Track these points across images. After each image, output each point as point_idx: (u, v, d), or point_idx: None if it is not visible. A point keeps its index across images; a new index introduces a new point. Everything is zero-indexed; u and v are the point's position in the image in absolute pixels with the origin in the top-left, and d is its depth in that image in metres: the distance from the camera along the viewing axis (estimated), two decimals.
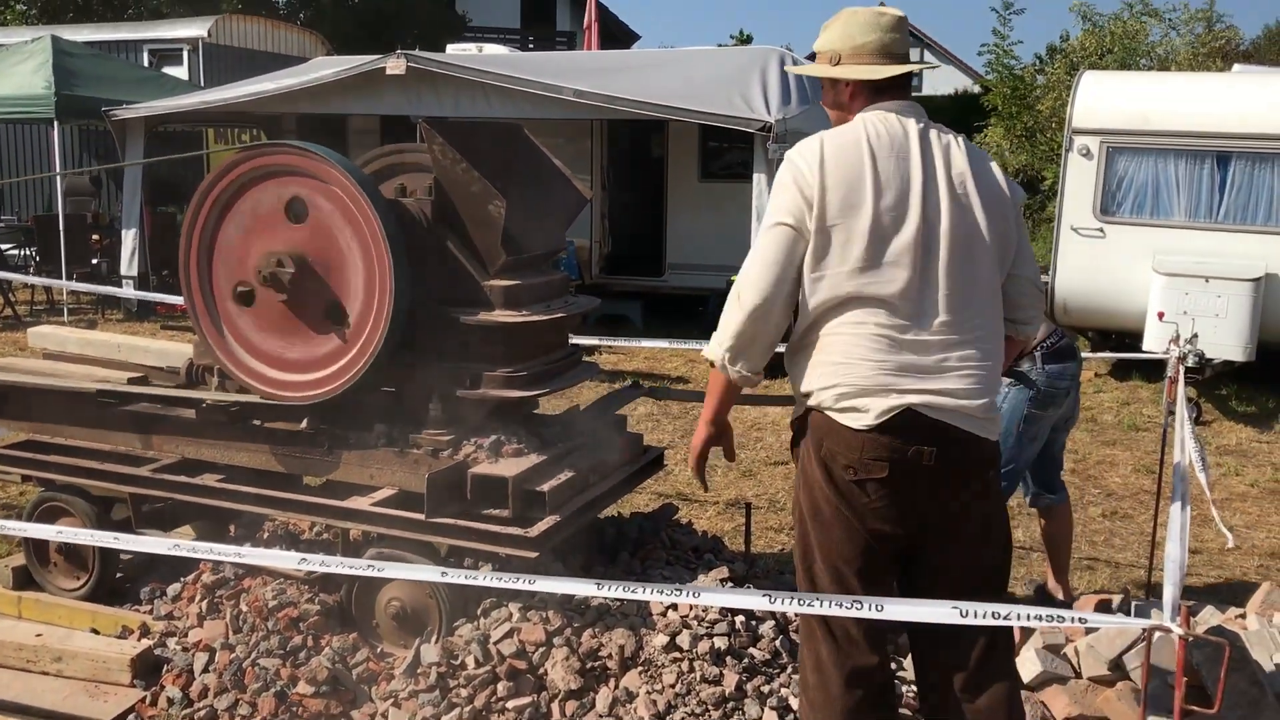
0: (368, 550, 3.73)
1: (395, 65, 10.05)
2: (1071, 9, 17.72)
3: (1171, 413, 4.45)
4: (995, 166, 2.74)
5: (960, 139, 2.72)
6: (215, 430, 4.07)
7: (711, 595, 2.86)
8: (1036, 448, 4.41)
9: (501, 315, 3.72)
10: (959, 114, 22.07)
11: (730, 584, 3.76)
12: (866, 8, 2.78)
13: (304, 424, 3.96)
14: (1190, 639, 2.21)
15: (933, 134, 2.68)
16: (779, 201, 2.63)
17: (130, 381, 4.43)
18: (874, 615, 2.38)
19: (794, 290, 2.64)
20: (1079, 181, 9.16)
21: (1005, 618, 2.24)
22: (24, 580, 4.31)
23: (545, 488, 3.57)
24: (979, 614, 2.24)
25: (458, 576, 2.93)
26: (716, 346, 2.74)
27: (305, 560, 3.11)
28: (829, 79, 2.77)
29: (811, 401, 2.65)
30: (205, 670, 3.63)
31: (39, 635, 3.83)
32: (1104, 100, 9.16)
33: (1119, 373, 9.69)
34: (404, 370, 3.83)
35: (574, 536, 3.78)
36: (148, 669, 3.70)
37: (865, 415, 2.55)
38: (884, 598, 2.43)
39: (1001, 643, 2.63)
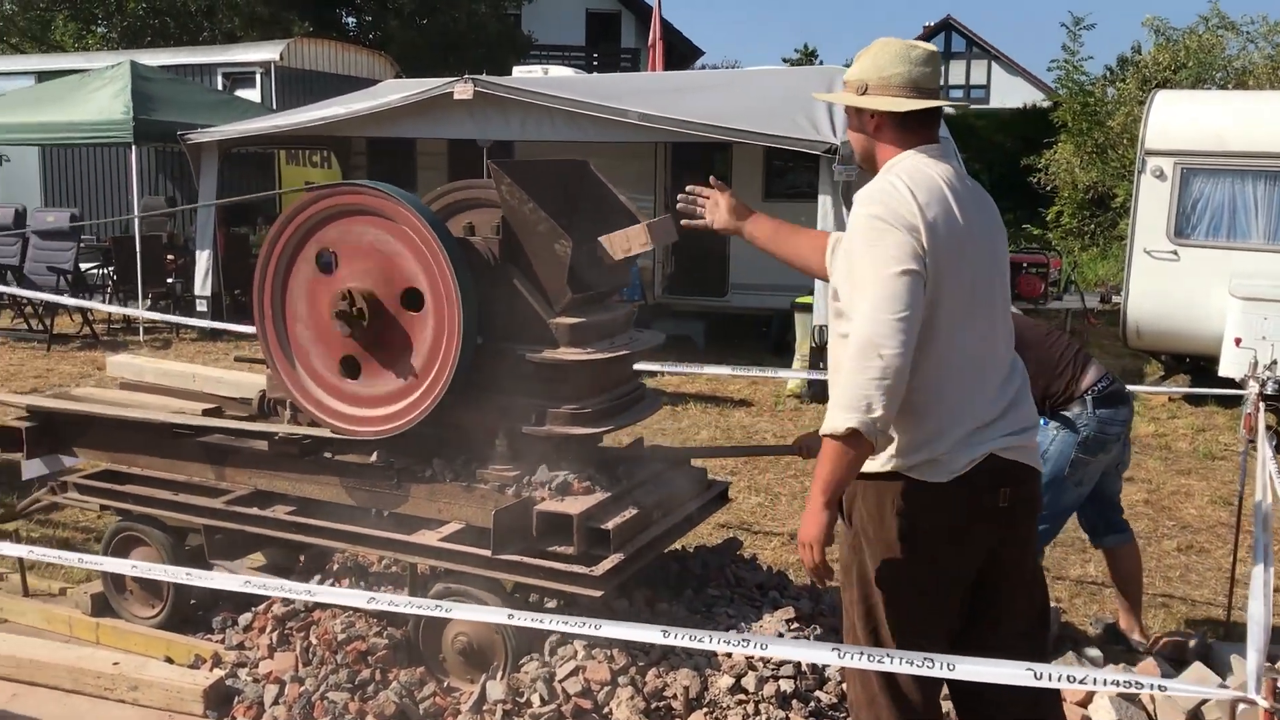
0: (435, 585, 3.77)
1: (463, 90, 10.16)
2: (1144, 23, 17.43)
3: (1252, 442, 4.35)
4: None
5: (973, 181, 2.76)
6: (286, 462, 4.15)
7: (779, 647, 2.84)
8: (1083, 493, 4.31)
9: (566, 353, 3.74)
10: (1027, 128, 21.84)
11: (796, 624, 3.74)
12: (900, 40, 2.75)
13: (373, 457, 4.02)
14: (1277, 713, 2.14)
15: (968, 179, 2.71)
16: (891, 249, 2.47)
17: (204, 413, 4.53)
18: (947, 674, 2.34)
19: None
20: (1152, 203, 8.99)
21: (1081, 681, 2.19)
22: (102, 607, 4.41)
23: (610, 525, 3.58)
24: (1054, 676, 2.19)
25: (524, 619, 2.94)
26: (860, 414, 2.38)
27: (374, 600, 3.14)
28: (854, 108, 2.75)
29: (888, 466, 2.59)
30: (275, 703, 3.68)
31: (116, 664, 3.91)
32: (1178, 121, 8.99)
33: (1194, 398, 9.48)
34: (471, 406, 3.86)
35: (638, 572, 3.79)
36: (220, 700, 3.77)
37: (951, 467, 2.54)
38: (956, 656, 2.39)
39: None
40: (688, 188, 3.23)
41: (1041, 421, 4.24)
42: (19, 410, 4.73)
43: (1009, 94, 40.67)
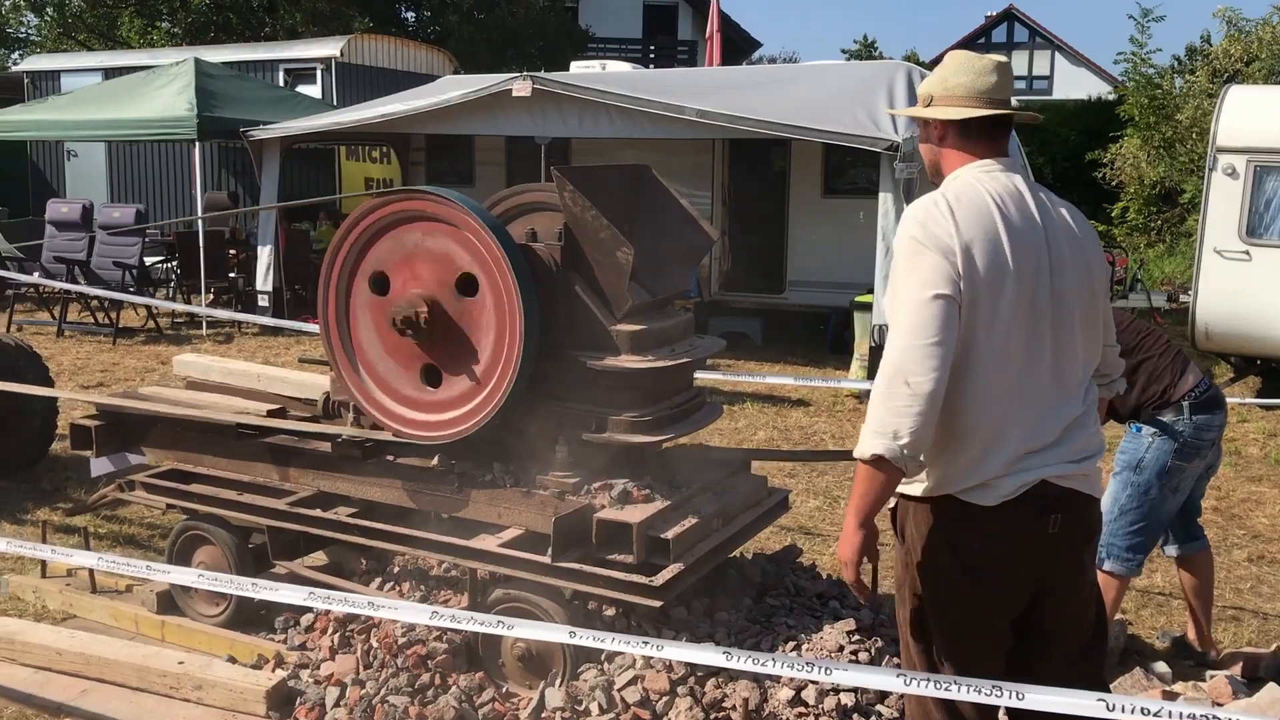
0: (494, 590, 3.78)
1: (521, 88, 10.19)
2: (1215, 14, 16.99)
3: None
4: (1087, 224, 2.72)
5: (1063, 202, 2.69)
6: (349, 465, 4.18)
7: (843, 674, 2.82)
8: (1179, 500, 4.22)
9: (627, 360, 3.73)
10: (1092, 121, 21.43)
11: (857, 636, 3.69)
12: (970, 52, 2.75)
13: (435, 460, 4.04)
14: None
15: (1041, 194, 2.64)
16: (924, 272, 2.44)
17: (269, 414, 4.57)
18: (1015, 704, 2.30)
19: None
20: (1223, 202, 8.78)
21: (1155, 714, 2.14)
22: (167, 604, 4.47)
23: (670, 535, 3.56)
24: (1127, 708, 2.14)
25: (585, 638, 2.93)
26: (888, 441, 2.38)
27: (436, 614, 3.15)
28: (921, 119, 2.74)
29: (936, 488, 2.57)
30: (337, 705, 3.71)
31: (181, 663, 3.97)
32: (1251, 117, 8.77)
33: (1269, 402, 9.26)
34: (532, 412, 3.86)
35: (697, 579, 3.77)
36: (281, 701, 3.80)
37: (999, 492, 2.50)
38: (1025, 685, 2.35)
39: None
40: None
41: (1134, 428, 4.17)
42: (89, 408, 4.82)
43: (1073, 85, 39.99)
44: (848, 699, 3.39)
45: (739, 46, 32.07)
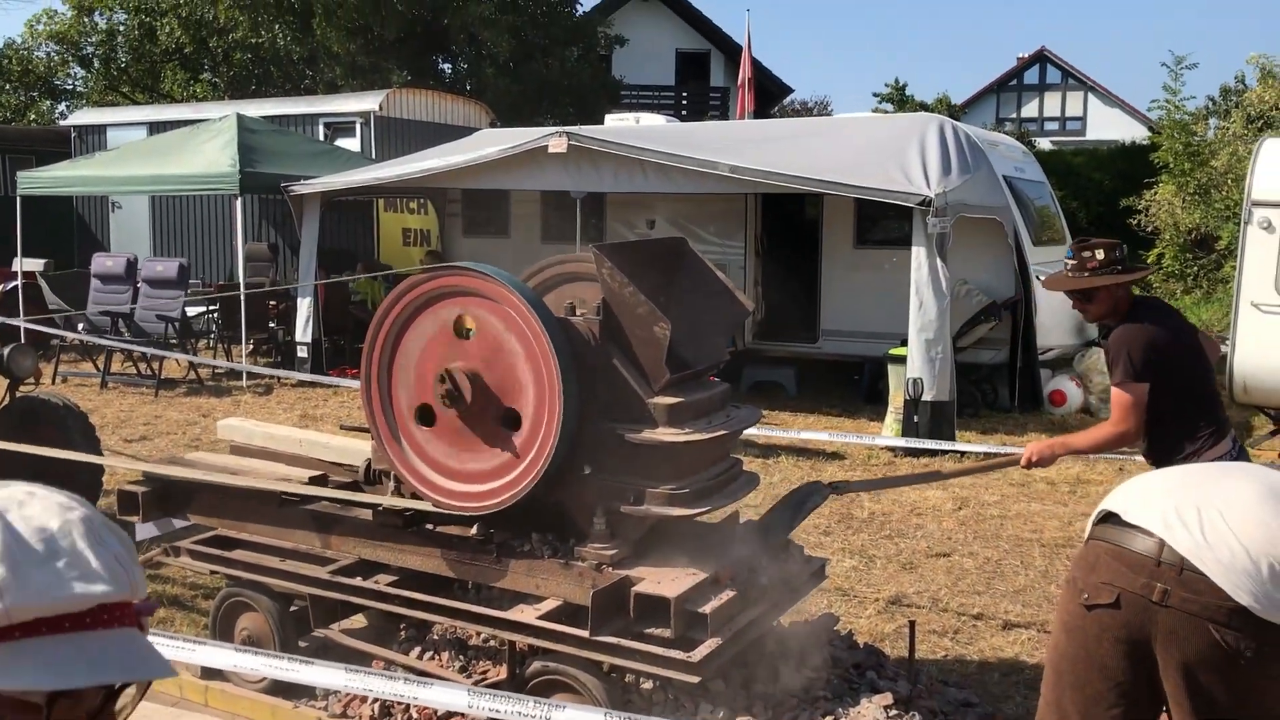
0: (532, 662, 3.81)
1: (557, 144, 10.33)
2: (1249, 61, 16.98)
3: None
4: None
5: None
6: (389, 533, 4.24)
7: None
8: None
9: (664, 434, 3.77)
10: (1127, 165, 21.36)
11: (895, 711, 3.69)
12: None
13: (474, 530, 4.09)
14: None
15: None
16: None
17: (310, 480, 4.65)
18: None
19: None
20: (1260, 255, 8.74)
21: None
22: (212, 669, 4.53)
23: (708, 609, 3.59)
24: None
25: None
26: None
27: (474, 694, 3.19)
28: None
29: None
30: None
31: None
32: None
33: None
34: (570, 483, 3.91)
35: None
36: None
37: (1111, 529, 2.56)
38: None
39: None
40: None
41: None
42: (135, 473, 4.91)
43: (1106, 125, 39.94)
44: None
45: (771, 93, 32.27)
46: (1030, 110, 43.37)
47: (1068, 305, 12.25)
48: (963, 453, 8.35)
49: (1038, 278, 10.80)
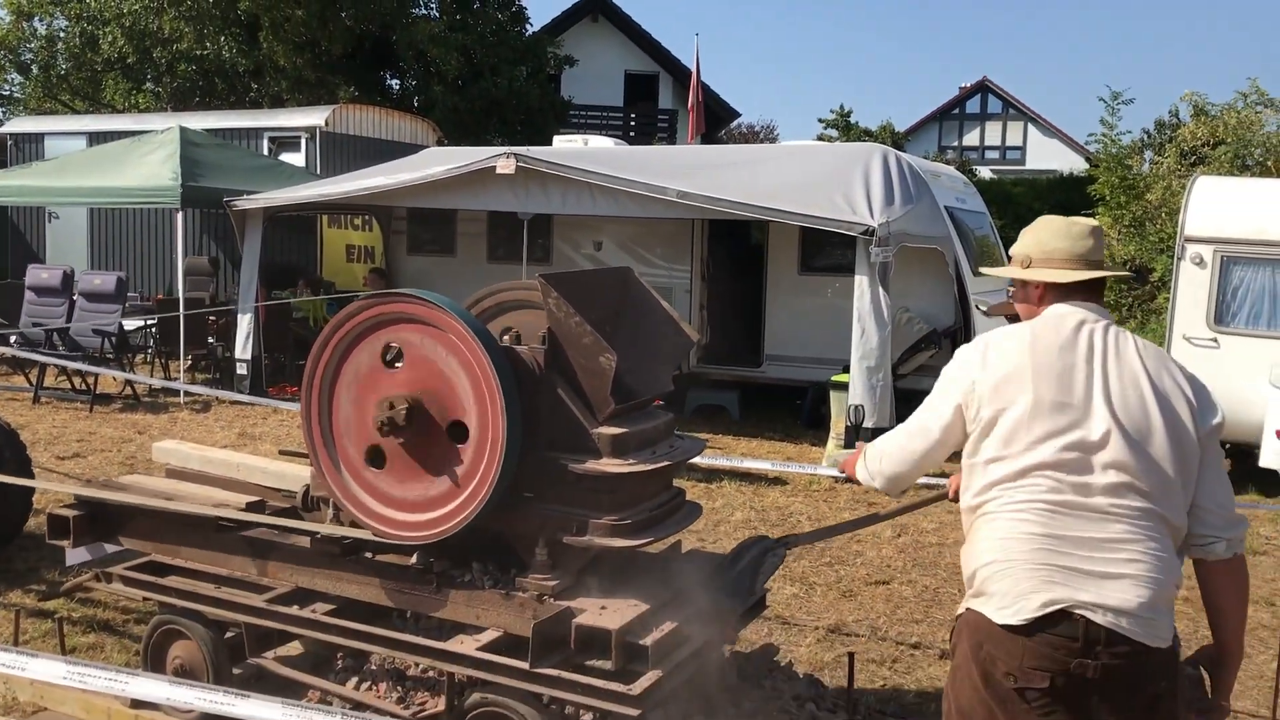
0: (471, 694, 3.78)
1: (505, 165, 10.33)
2: (1183, 98, 17.44)
3: None
4: (1186, 385, 2.77)
5: (1148, 347, 2.81)
6: (327, 561, 4.19)
7: None
8: None
9: (608, 465, 3.77)
10: (1065, 196, 21.81)
11: None
12: (1060, 217, 3.00)
13: (414, 559, 4.05)
14: None
15: (1112, 333, 2.78)
16: (938, 394, 2.91)
17: (247, 506, 4.58)
18: None
19: (930, 464, 2.95)
20: (1192, 290, 8.96)
21: None
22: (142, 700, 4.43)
23: (648, 641, 3.58)
24: None
25: None
26: (866, 474, 3.11)
27: None
28: (1020, 280, 2.97)
29: (972, 602, 2.67)
30: None
31: None
32: (1219, 208, 8.98)
33: (1234, 486, 9.36)
34: (512, 513, 3.89)
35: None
36: None
37: (1023, 614, 2.54)
38: None
39: None
40: None
41: None
42: (67, 496, 4.81)
43: (1045, 155, 40.80)
44: None
45: (718, 116, 32.55)
46: (972, 139, 44.17)
47: None
48: None
49: (978, 306, 10.97)
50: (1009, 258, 3.10)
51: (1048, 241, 2.90)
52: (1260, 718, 4.95)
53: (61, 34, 24.21)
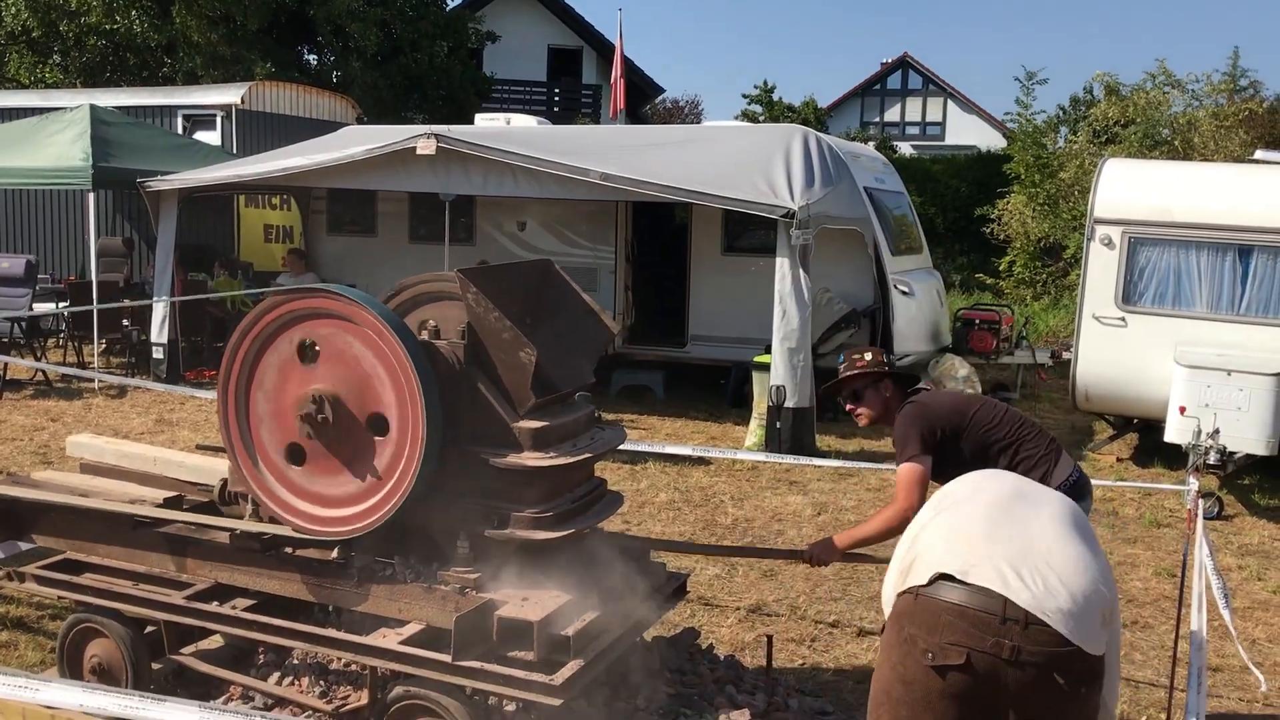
0: (394, 687, 3.80)
1: (425, 146, 10.23)
2: (1095, 78, 17.86)
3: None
4: None
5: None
6: (247, 557, 4.17)
7: None
8: None
9: (529, 458, 3.80)
10: (982, 173, 22.23)
11: None
12: None
13: (334, 554, 4.05)
14: None
15: None
16: None
17: (165, 501, 4.53)
18: None
19: None
20: (1101, 270, 9.21)
21: None
22: None
23: (570, 632, 3.64)
24: None
25: None
26: None
27: None
28: None
29: (901, 584, 2.78)
30: None
31: None
32: (1126, 190, 9.23)
33: (1141, 459, 9.70)
34: (433, 507, 3.91)
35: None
36: None
37: (951, 589, 2.65)
38: None
39: None
40: None
41: None
42: None
43: (964, 131, 41.42)
44: None
45: (643, 92, 32.50)
46: (893, 115, 44.65)
47: (924, 313, 12.53)
48: (819, 465, 8.57)
49: (896, 286, 11.17)
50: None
51: None
52: (1160, 686, 5.14)
53: None
